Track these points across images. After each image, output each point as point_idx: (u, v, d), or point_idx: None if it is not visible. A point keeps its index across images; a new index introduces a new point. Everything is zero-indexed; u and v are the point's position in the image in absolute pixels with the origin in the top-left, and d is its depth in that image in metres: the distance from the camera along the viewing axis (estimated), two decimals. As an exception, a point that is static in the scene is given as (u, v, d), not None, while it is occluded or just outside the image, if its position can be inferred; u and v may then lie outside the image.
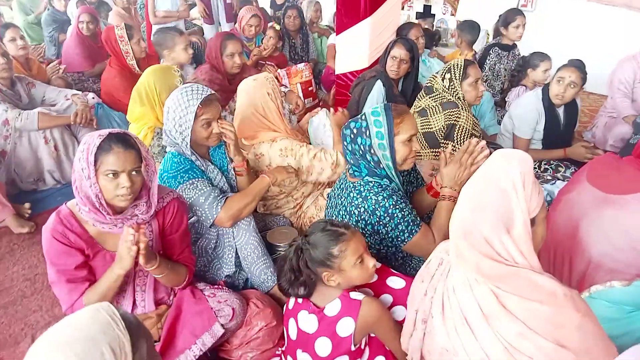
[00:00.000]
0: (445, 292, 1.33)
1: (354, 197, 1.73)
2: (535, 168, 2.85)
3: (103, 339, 0.82)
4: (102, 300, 1.53)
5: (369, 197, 1.68)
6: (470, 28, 4.03)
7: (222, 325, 1.65)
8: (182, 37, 3.09)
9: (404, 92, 3.13)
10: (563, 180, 2.57)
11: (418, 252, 1.79)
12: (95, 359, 0.79)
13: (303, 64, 4.25)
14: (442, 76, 2.54)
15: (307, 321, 1.47)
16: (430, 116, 2.52)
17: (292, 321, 1.52)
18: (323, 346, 1.44)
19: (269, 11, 6.00)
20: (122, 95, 3.36)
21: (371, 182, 1.71)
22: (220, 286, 1.85)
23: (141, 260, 1.49)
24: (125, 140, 1.47)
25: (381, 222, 1.69)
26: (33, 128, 2.74)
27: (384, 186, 1.70)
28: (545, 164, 2.81)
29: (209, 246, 1.97)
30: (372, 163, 1.71)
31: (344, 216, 1.78)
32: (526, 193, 1.16)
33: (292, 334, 1.52)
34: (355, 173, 1.77)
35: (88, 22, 4.19)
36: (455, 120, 2.43)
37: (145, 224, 1.62)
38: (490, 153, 1.40)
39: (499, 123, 3.29)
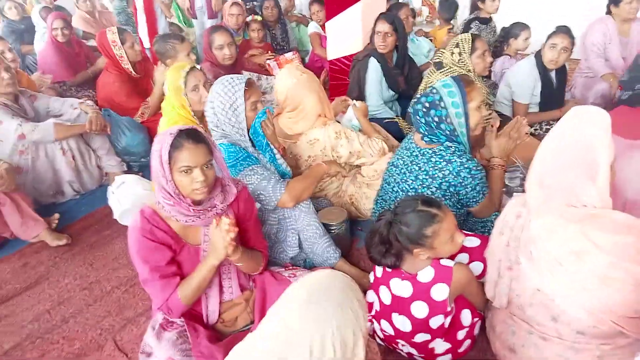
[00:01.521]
0: (529, 240, 1.48)
1: (436, 161, 1.87)
2: (537, 129, 3.08)
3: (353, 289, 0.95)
4: (197, 292, 1.61)
5: (453, 160, 1.83)
6: (447, 6, 4.22)
7: (310, 301, 1.74)
8: (184, 45, 3.05)
9: (398, 65, 3.26)
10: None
11: (481, 213, 1.98)
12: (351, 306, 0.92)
13: (291, 52, 4.31)
14: (451, 51, 2.70)
15: (401, 287, 1.59)
16: (445, 90, 2.67)
17: (383, 288, 1.64)
18: (419, 309, 1.57)
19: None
20: (124, 100, 3.33)
21: (451, 146, 1.87)
22: (295, 268, 1.93)
23: (229, 251, 1.55)
24: (195, 136, 1.53)
25: (463, 183, 1.84)
26: (50, 140, 2.68)
27: (463, 150, 1.87)
28: (545, 125, 3.05)
29: (271, 232, 2.05)
30: (447, 132, 1.86)
31: (424, 180, 1.91)
32: (608, 145, 1.32)
33: (386, 299, 1.64)
34: (433, 140, 1.90)
35: (62, 28, 4.05)
36: (470, 92, 2.59)
37: (225, 214, 1.68)
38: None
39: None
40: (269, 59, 4.28)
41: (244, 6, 4.40)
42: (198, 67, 2.53)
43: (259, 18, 4.55)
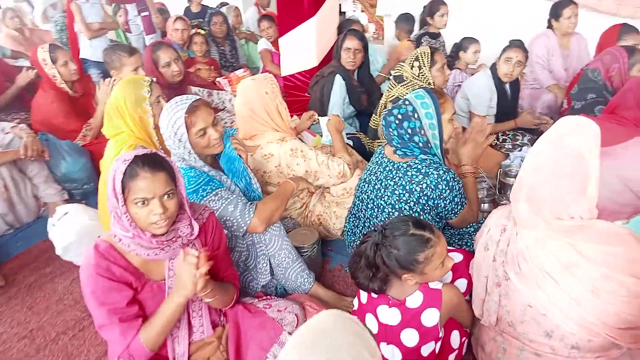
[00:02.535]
0: (518, 254, 1.43)
1: (413, 175, 1.82)
2: (494, 140, 3.13)
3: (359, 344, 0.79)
4: (162, 334, 1.44)
5: (430, 173, 1.79)
6: (405, 19, 4.29)
7: (289, 333, 1.60)
8: (133, 58, 2.83)
9: (361, 81, 3.23)
10: (529, 145, 2.85)
11: (460, 224, 1.94)
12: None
13: (242, 69, 4.19)
14: (411, 64, 2.68)
15: (389, 315, 1.49)
16: (408, 103, 2.65)
17: (370, 316, 1.53)
18: (410, 337, 1.47)
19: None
20: (62, 121, 3.06)
21: (426, 159, 1.84)
22: (268, 297, 1.79)
23: (200, 286, 1.40)
24: (153, 162, 1.36)
25: (442, 196, 1.80)
26: (-22, 168, 2.38)
27: (438, 162, 1.84)
28: (502, 135, 3.10)
29: (240, 259, 1.89)
30: (420, 144, 1.83)
31: (401, 195, 1.86)
32: (598, 155, 1.30)
33: (372, 328, 1.53)
34: (407, 153, 1.86)
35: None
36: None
37: (191, 245, 1.52)
38: None
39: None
40: (219, 76, 4.14)
41: (188, 21, 4.23)
42: (154, 80, 2.35)
43: (202, 32, 4.40)
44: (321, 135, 2.83)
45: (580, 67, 3.87)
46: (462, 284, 1.66)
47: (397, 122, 1.86)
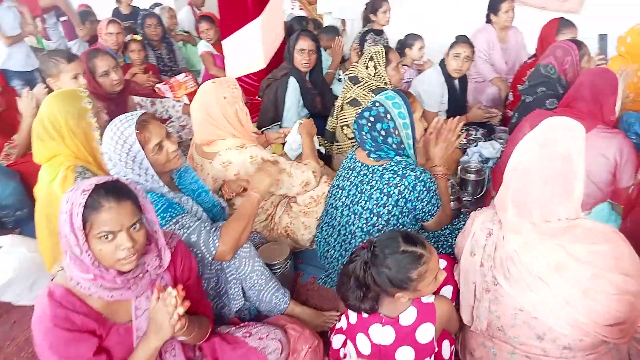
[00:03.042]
0: (506, 258, 1.41)
1: (390, 177, 1.79)
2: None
3: None
4: None
5: (407, 174, 1.77)
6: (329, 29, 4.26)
7: (275, 362, 1.49)
8: (72, 65, 2.53)
9: (314, 83, 3.15)
10: (484, 140, 2.89)
11: (435, 227, 1.92)
12: None
13: (183, 74, 3.97)
14: (365, 64, 2.63)
15: (382, 334, 1.42)
16: (364, 104, 2.59)
17: (361, 336, 1.45)
18: (405, 355, 1.41)
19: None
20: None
21: (402, 161, 1.81)
22: (246, 323, 1.66)
23: (177, 329, 1.26)
24: (117, 191, 1.21)
25: (420, 197, 1.78)
26: None
27: (413, 163, 1.82)
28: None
29: (209, 286, 1.74)
30: (394, 145, 1.81)
31: (379, 199, 1.82)
32: (583, 156, 1.29)
33: (364, 349, 1.45)
34: (382, 155, 1.83)
35: None
36: (392, 104, 2.54)
37: (160, 279, 1.37)
38: None
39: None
40: (159, 82, 3.89)
41: (121, 24, 3.94)
42: (86, 91, 2.13)
43: (138, 37, 4.12)
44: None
45: (518, 60, 4.06)
46: (447, 291, 1.63)
47: (369, 124, 1.82)
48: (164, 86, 3.84)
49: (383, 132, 1.80)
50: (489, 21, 3.94)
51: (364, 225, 1.86)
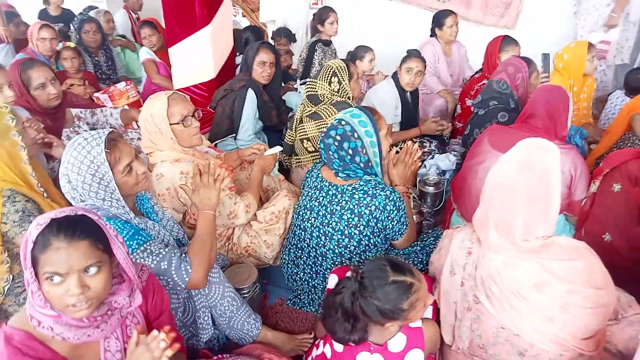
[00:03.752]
0: (487, 277, 1.42)
1: (360, 197, 1.76)
2: (402, 147, 3.20)
3: None
4: None
5: (377, 194, 1.75)
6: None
7: (256, 397, 1.41)
8: None
9: (271, 96, 3.08)
10: (438, 153, 2.95)
11: (404, 245, 1.92)
12: None
13: (124, 83, 3.73)
14: (328, 80, 2.59)
15: (371, 362, 1.38)
16: (327, 118, 2.56)
17: (349, 366, 1.40)
18: (394, 382, 1.38)
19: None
20: None
21: (371, 180, 1.79)
22: (220, 357, 1.55)
23: None
24: (72, 228, 1.07)
25: (390, 217, 1.77)
26: None
27: (382, 182, 1.81)
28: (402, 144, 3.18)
29: (175, 317, 1.62)
30: (362, 164, 1.79)
31: (350, 219, 1.78)
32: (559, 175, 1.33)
33: (351, 377, 1.40)
34: (350, 175, 1.80)
35: None
36: (353, 118, 2.53)
37: (130, 317, 1.25)
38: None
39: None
40: (97, 91, 3.63)
41: (55, 29, 3.64)
42: (8, 106, 1.92)
43: (71, 44, 3.83)
44: None
45: (462, 73, 4.23)
46: (428, 311, 1.62)
47: (336, 143, 1.79)
48: (103, 95, 3.58)
49: (350, 151, 1.78)
50: (433, 35, 4.06)
51: (335, 246, 1.82)
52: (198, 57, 3.30)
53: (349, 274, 1.62)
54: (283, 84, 3.81)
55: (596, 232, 1.94)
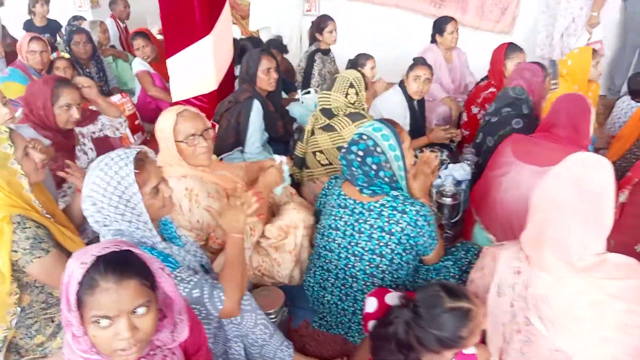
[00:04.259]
0: (539, 297, 1.37)
1: (390, 214, 1.70)
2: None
3: None
4: None
5: (407, 210, 1.69)
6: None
7: None
8: None
9: (275, 106, 3.00)
10: (450, 162, 2.90)
11: (433, 260, 1.85)
12: None
13: (119, 95, 3.60)
14: (344, 92, 2.52)
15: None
16: (341, 130, 2.49)
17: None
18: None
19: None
20: None
21: (398, 195, 1.74)
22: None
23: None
24: (120, 265, 0.99)
25: (421, 232, 1.71)
26: None
27: (410, 196, 1.76)
28: (419, 152, 3.12)
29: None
30: (387, 178, 1.73)
31: (381, 238, 1.72)
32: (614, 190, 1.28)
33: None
34: (377, 191, 1.74)
35: None
36: (368, 130, 2.46)
37: (171, 354, 1.16)
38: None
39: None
40: (89, 103, 3.50)
41: (46, 41, 3.50)
42: (12, 126, 1.81)
43: (66, 55, 3.69)
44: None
45: (463, 79, 4.21)
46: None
47: (358, 159, 1.74)
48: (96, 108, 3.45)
49: (374, 166, 1.72)
50: (434, 41, 4.03)
51: (367, 267, 1.75)
52: (198, 67, 3.19)
53: (391, 298, 1.56)
54: (285, 95, 3.74)
55: (628, 243, 1.91)
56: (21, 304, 1.68)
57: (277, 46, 4.21)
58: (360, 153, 1.72)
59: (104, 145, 2.74)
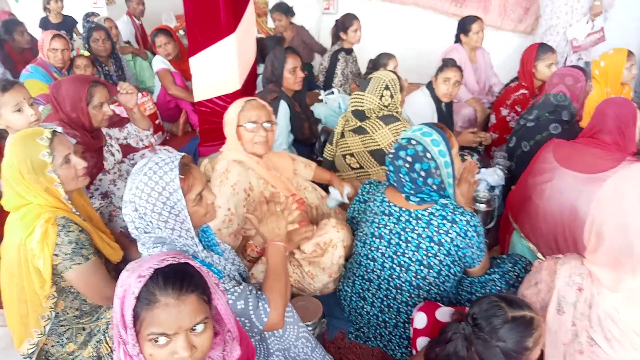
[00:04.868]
0: (605, 316, 1.29)
1: (439, 224, 1.63)
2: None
3: None
4: None
5: (457, 220, 1.62)
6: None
7: None
8: (9, 95, 2.03)
9: (301, 106, 2.93)
10: (482, 167, 2.82)
11: (480, 272, 1.78)
12: None
13: (139, 94, 3.52)
14: (379, 94, 2.45)
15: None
16: (373, 132, 2.42)
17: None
18: None
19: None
20: None
21: (448, 204, 1.67)
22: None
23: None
24: (180, 281, 0.93)
25: (470, 243, 1.64)
26: None
27: (460, 206, 1.68)
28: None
29: (248, 362, 1.46)
30: (435, 186, 1.65)
31: (429, 248, 1.65)
32: None
33: None
34: (425, 199, 1.66)
35: None
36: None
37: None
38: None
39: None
40: (111, 103, 3.44)
41: (68, 39, 3.44)
42: (59, 130, 1.75)
43: (85, 53, 3.63)
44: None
45: (487, 80, 4.13)
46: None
47: (407, 165, 1.66)
48: (118, 108, 3.39)
49: (423, 173, 1.65)
50: (458, 41, 3.95)
51: (413, 278, 1.68)
52: (222, 66, 3.13)
53: (442, 313, 1.49)
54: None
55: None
56: (55, 310, 1.63)
57: (281, 8, 4.17)
58: (409, 159, 1.64)
59: (126, 148, 2.68)
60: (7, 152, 1.62)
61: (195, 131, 3.86)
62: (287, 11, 4.40)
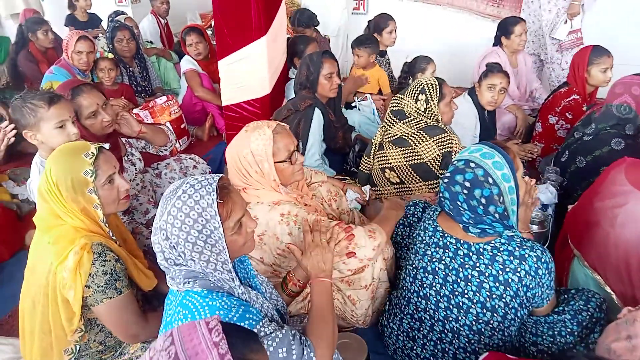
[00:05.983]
0: None
1: (505, 261, 1.43)
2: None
3: None
4: None
5: (527, 256, 1.42)
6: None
7: None
8: (55, 108, 1.82)
9: (335, 115, 2.75)
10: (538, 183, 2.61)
11: (547, 311, 1.57)
12: None
13: (164, 97, 3.41)
14: (415, 97, 2.26)
15: None
16: (416, 145, 2.22)
17: None
18: None
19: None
20: None
21: (514, 237, 1.46)
22: None
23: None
24: None
25: (541, 282, 1.44)
26: None
27: (528, 240, 1.47)
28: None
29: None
30: (497, 214, 1.43)
31: (493, 289, 1.44)
32: None
33: None
34: (487, 230, 1.45)
35: None
36: (449, 147, 2.19)
37: None
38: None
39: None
40: (135, 106, 3.33)
41: (94, 41, 3.33)
42: (106, 146, 1.59)
43: (109, 55, 3.52)
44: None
45: (529, 85, 3.89)
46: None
47: (465, 191, 1.44)
48: (143, 112, 3.28)
49: (483, 200, 1.42)
50: (498, 44, 3.72)
51: (474, 322, 1.48)
52: (252, 70, 2.97)
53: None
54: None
55: None
56: (79, 343, 1.49)
57: (304, 19, 3.93)
58: (467, 184, 1.43)
59: (149, 156, 2.53)
60: (48, 164, 1.48)
61: (221, 135, 3.72)
62: (312, 21, 4.07)
